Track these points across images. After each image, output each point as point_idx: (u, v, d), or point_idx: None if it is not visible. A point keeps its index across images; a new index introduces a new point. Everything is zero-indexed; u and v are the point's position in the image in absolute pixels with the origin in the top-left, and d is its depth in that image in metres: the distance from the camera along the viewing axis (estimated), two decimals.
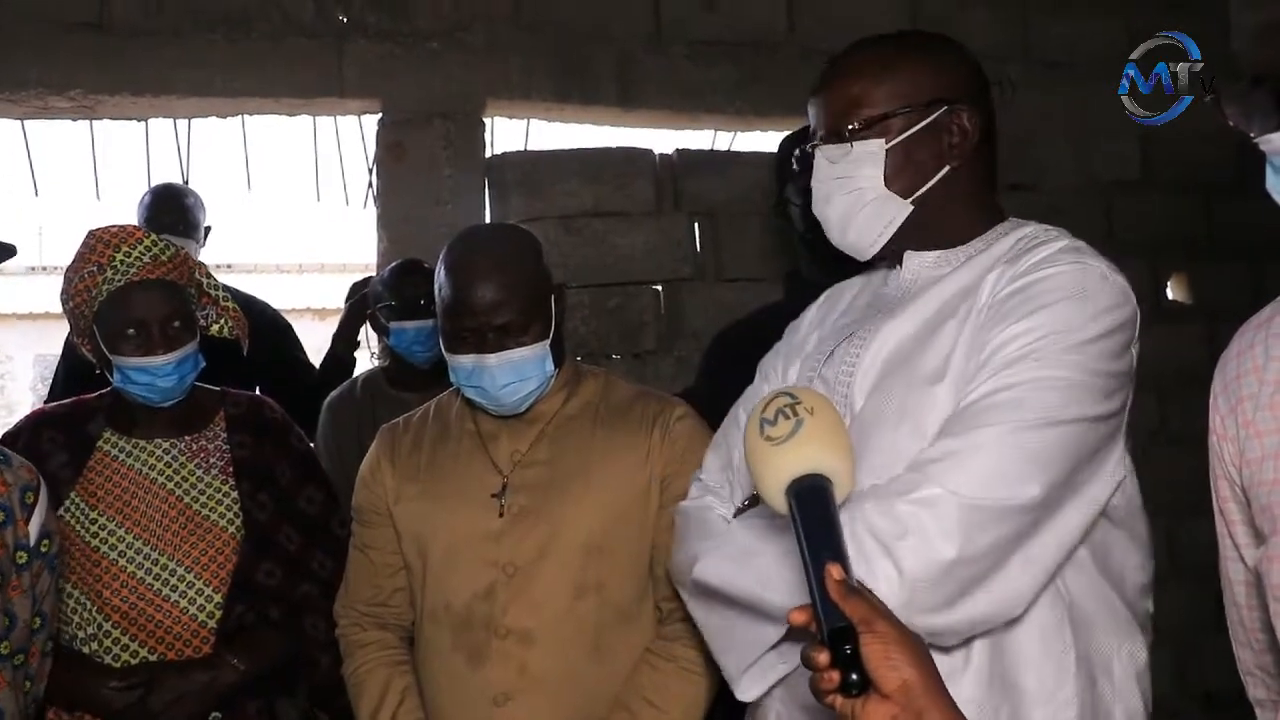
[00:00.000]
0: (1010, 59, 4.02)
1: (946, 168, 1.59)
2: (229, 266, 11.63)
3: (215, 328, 2.29)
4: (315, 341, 3.89)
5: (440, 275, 1.97)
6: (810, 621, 1.12)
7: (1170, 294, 4.46)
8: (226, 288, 3.20)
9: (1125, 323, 1.49)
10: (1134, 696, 1.54)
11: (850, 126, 1.59)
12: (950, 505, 1.37)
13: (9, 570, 1.76)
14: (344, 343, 3.54)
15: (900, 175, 1.59)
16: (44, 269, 14.79)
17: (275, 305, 3.78)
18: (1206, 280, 4.42)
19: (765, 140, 4.22)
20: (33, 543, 1.82)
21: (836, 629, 1.08)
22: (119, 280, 2.11)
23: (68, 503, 2.13)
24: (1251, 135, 1.26)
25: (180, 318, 2.15)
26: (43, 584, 1.86)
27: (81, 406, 2.27)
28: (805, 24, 4.04)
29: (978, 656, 1.47)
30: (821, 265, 2.50)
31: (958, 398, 1.47)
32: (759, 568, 1.48)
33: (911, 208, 1.60)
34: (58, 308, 2.22)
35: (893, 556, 1.36)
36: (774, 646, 1.51)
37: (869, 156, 1.59)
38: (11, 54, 3.43)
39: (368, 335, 3.60)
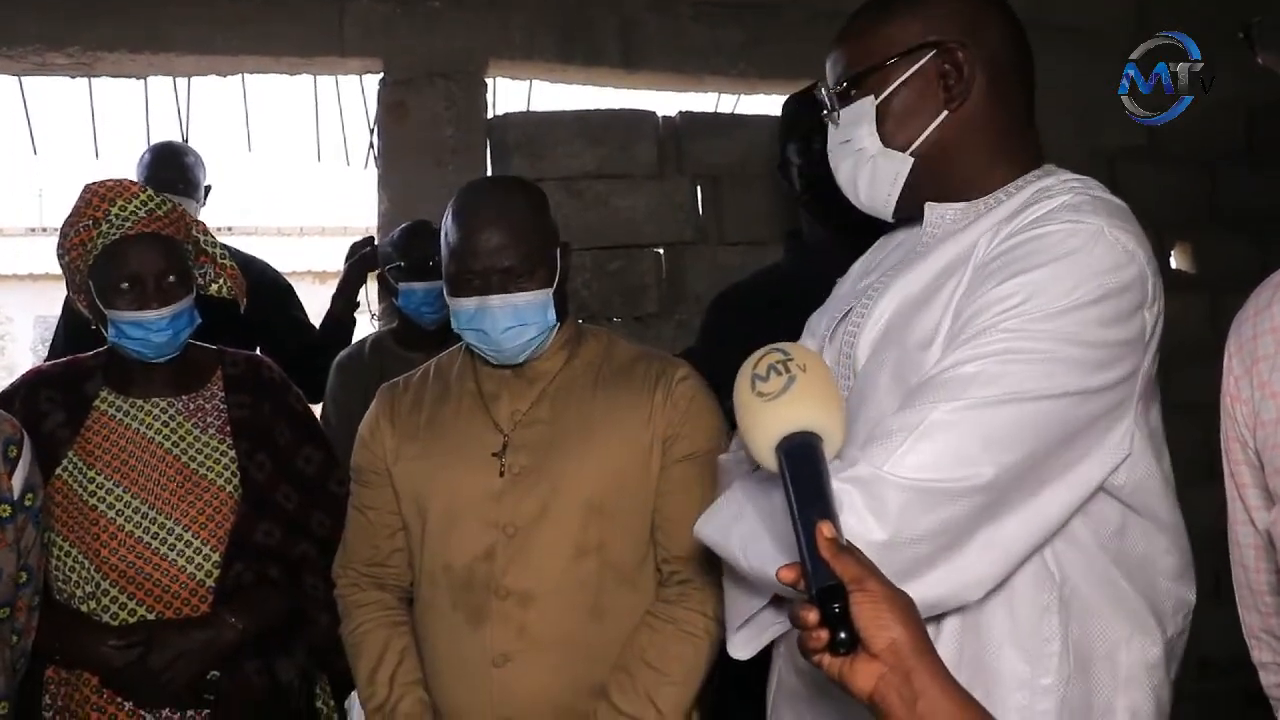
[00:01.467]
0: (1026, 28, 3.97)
1: (944, 113, 1.52)
2: (229, 229, 11.59)
3: (214, 287, 2.28)
4: (316, 304, 3.87)
5: (447, 221, 1.98)
6: (799, 579, 1.09)
7: (1175, 264, 4.44)
8: (225, 247, 3.19)
9: (1126, 285, 1.37)
10: (1141, 690, 1.44)
11: (839, 88, 1.57)
12: (885, 486, 1.30)
13: None
14: (344, 303, 3.53)
15: (897, 129, 1.54)
16: (44, 230, 14.76)
17: (268, 263, 3.77)
18: (1211, 251, 4.40)
19: (769, 103, 4.18)
20: (16, 496, 1.82)
21: (826, 587, 1.06)
22: (114, 234, 2.09)
23: (65, 462, 2.12)
24: None
25: (176, 272, 2.13)
26: (28, 538, 1.85)
27: (78, 365, 2.26)
28: None
29: (948, 634, 1.41)
30: (822, 225, 2.50)
31: None
32: (741, 531, 1.43)
33: (911, 160, 1.54)
34: (58, 269, 2.20)
35: None
36: (769, 605, 1.45)
37: (863, 115, 1.55)
38: (9, 9, 3.39)
39: (367, 296, 3.59)
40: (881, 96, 1.53)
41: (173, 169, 3.42)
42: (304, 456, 2.28)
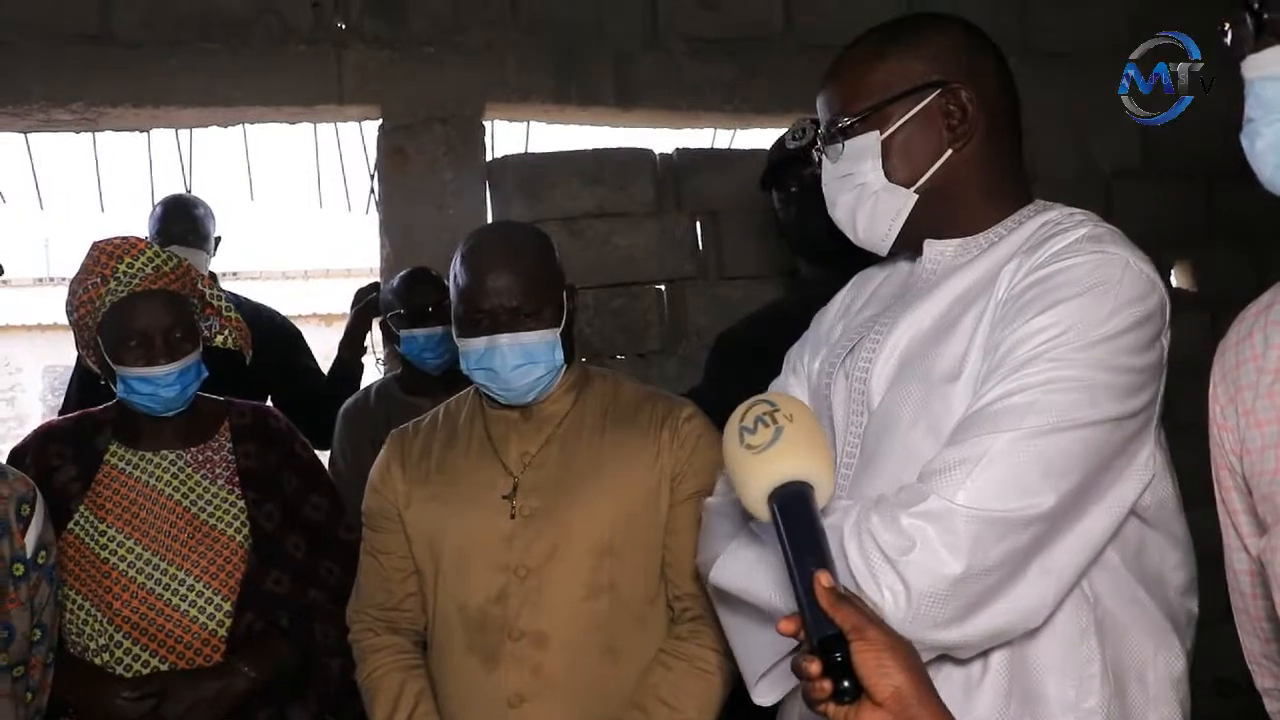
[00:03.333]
0: (1008, 50, 4.00)
1: (949, 151, 1.55)
2: (234, 274, 11.65)
3: (219, 339, 2.30)
4: (322, 347, 3.91)
5: (456, 265, 2.01)
6: (799, 630, 1.11)
7: (1174, 283, 4.45)
8: (234, 296, 3.23)
9: (1151, 314, 1.42)
10: (1170, 705, 1.48)
11: (843, 123, 1.57)
12: (957, 519, 1.32)
13: (6, 583, 1.78)
14: (350, 349, 3.56)
15: (901, 165, 1.55)
16: (51, 280, 14.85)
17: (281, 311, 3.80)
18: (1209, 269, 4.41)
19: (764, 137, 4.22)
20: (30, 555, 1.84)
21: (826, 637, 1.07)
22: (122, 291, 2.13)
23: (77, 515, 2.14)
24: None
25: (182, 327, 2.16)
26: (41, 595, 1.87)
27: (88, 420, 2.28)
28: (802, 19, 4.04)
29: (996, 667, 1.43)
30: (815, 265, 2.54)
31: (973, 397, 1.42)
32: (768, 576, 1.45)
33: (916, 197, 1.56)
34: (65, 319, 2.23)
35: (898, 571, 1.32)
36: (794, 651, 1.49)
37: (866, 150, 1.56)
38: (14, 67, 3.45)
39: (373, 340, 3.62)
40: (887, 132, 1.55)
41: (184, 221, 3.46)
42: (311, 504, 2.30)
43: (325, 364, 3.75)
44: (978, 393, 1.41)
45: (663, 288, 3.94)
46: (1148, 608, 1.48)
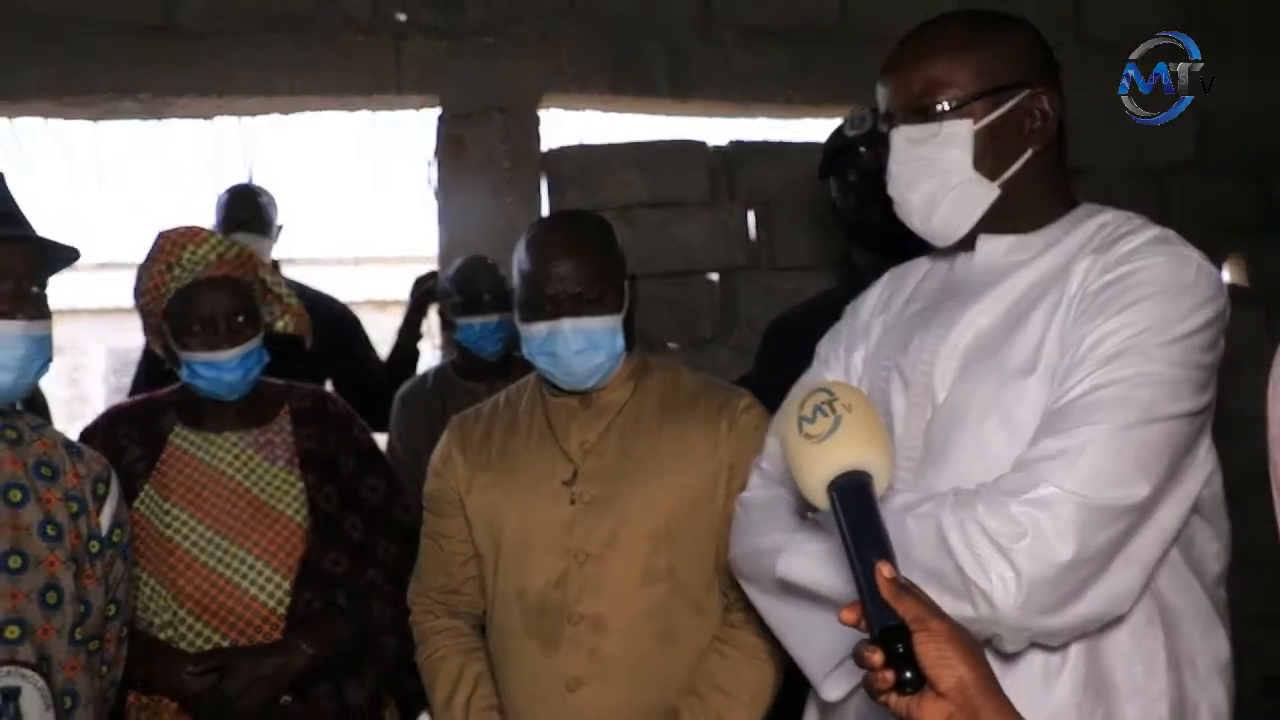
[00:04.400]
0: (1062, 40, 3.99)
1: (1029, 151, 1.58)
2: (290, 259, 11.72)
3: (280, 324, 2.36)
4: (376, 332, 3.97)
5: (520, 252, 2.05)
6: (860, 620, 1.12)
7: (1228, 277, 4.41)
8: (295, 284, 3.29)
9: (1218, 315, 1.48)
10: (1218, 690, 1.53)
11: (939, 106, 1.57)
12: (1067, 505, 1.36)
13: (83, 559, 1.83)
14: (408, 335, 3.63)
15: (986, 158, 1.57)
16: (113, 265, 15.04)
17: (336, 297, 3.87)
18: (1263, 264, 4.36)
19: (818, 128, 4.22)
20: (105, 532, 1.89)
21: (888, 627, 1.08)
22: (186, 278, 2.18)
23: (142, 494, 2.20)
24: None
25: (244, 313, 2.22)
26: (116, 572, 1.93)
27: (153, 402, 2.35)
28: (857, 9, 4.03)
29: (1074, 657, 1.46)
30: (869, 253, 2.54)
31: (1049, 391, 1.46)
32: (845, 565, 1.48)
33: (999, 191, 1.58)
34: (128, 302, 2.30)
35: (1009, 558, 1.35)
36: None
37: (955, 138, 1.56)
38: (83, 60, 3.53)
39: (430, 327, 3.68)
40: (980, 124, 1.56)
41: (248, 209, 3.53)
42: (369, 486, 2.35)
43: (380, 349, 3.80)
44: (1062, 386, 1.44)
45: (715, 277, 3.95)
46: (1198, 596, 1.52)
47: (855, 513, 1.20)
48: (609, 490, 2.00)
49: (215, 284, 2.20)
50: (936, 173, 1.59)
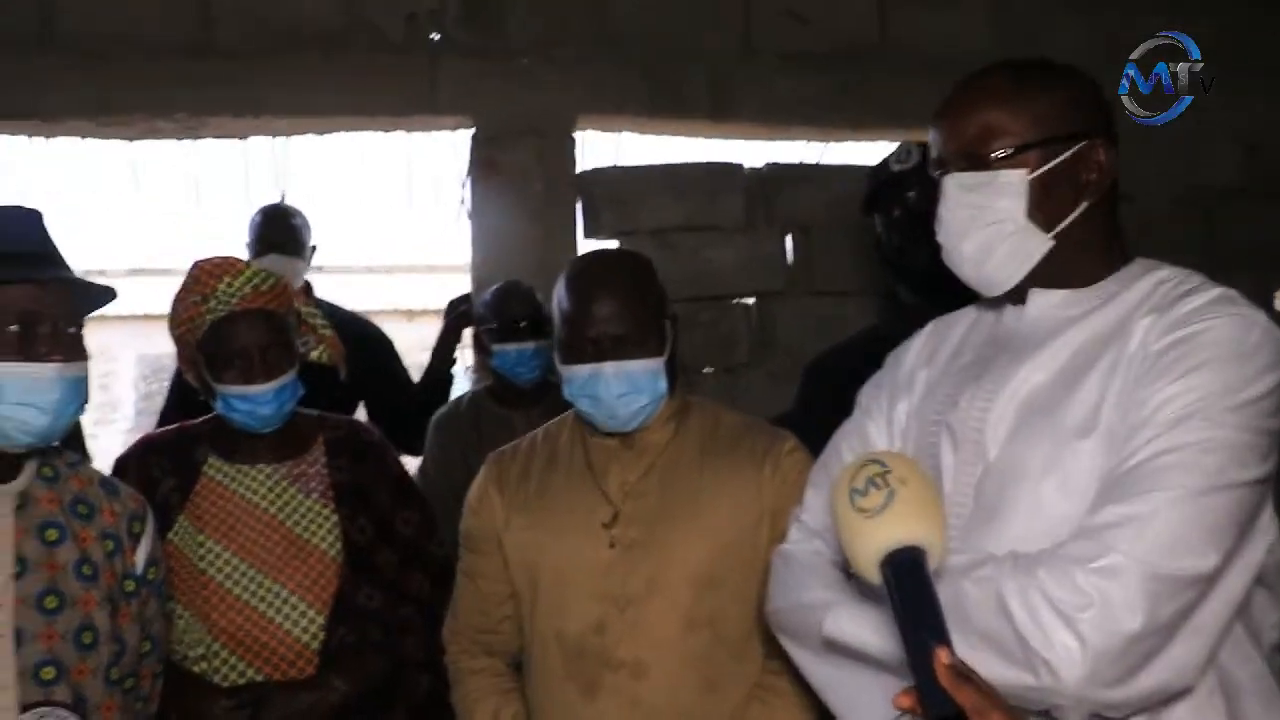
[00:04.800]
0: (1103, 65, 3.94)
1: (1085, 203, 1.55)
2: (320, 268, 11.77)
3: (315, 354, 2.35)
4: (405, 341, 3.96)
5: (561, 290, 2.01)
6: (916, 707, 1.10)
7: (1278, 305, 4.34)
8: (327, 305, 3.27)
9: None
10: None
11: (995, 154, 1.54)
12: (1135, 575, 1.31)
13: (118, 599, 1.81)
14: (442, 359, 3.61)
15: (1040, 208, 1.53)
16: (143, 271, 15.15)
17: (365, 306, 3.85)
18: None
19: (857, 151, 4.20)
20: (140, 571, 1.87)
21: (946, 718, 1.06)
22: (221, 310, 2.17)
23: (176, 526, 2.19)
24: None
25: (279, 346, 2.20)
26: (150, 609, 1.91)
27: (186, 432, 2.33)
28: (896, 34, 4.01)
29: None
30: (915, 294, 2.50)
31: (1107, 453, 1.42)
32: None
33: (1053, 243, 1.54)
34: (158, 309, 2.30)
35: (1074, 628, 1.31)
36: None
37: (1010, 187, 1.53)
38: (119, 80, 3.54)
39: (463, 352, 3.66)
40: (1035, 173, 1.53)
41: (281, 230, 3.51)
42: (403, 519, 2.33)
43: (409, 357, 3.78)
44: (1125, 448, 1.40)
45: (751, 302, 3.93)
46: (1258, 667, 1.47)
47: (910, 591, 1.18)
48: (649, 534, 1.97)
49: (250, 316, 2.18)
50: (989, 221, 1.56)
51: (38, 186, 4.23)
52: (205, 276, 2.19)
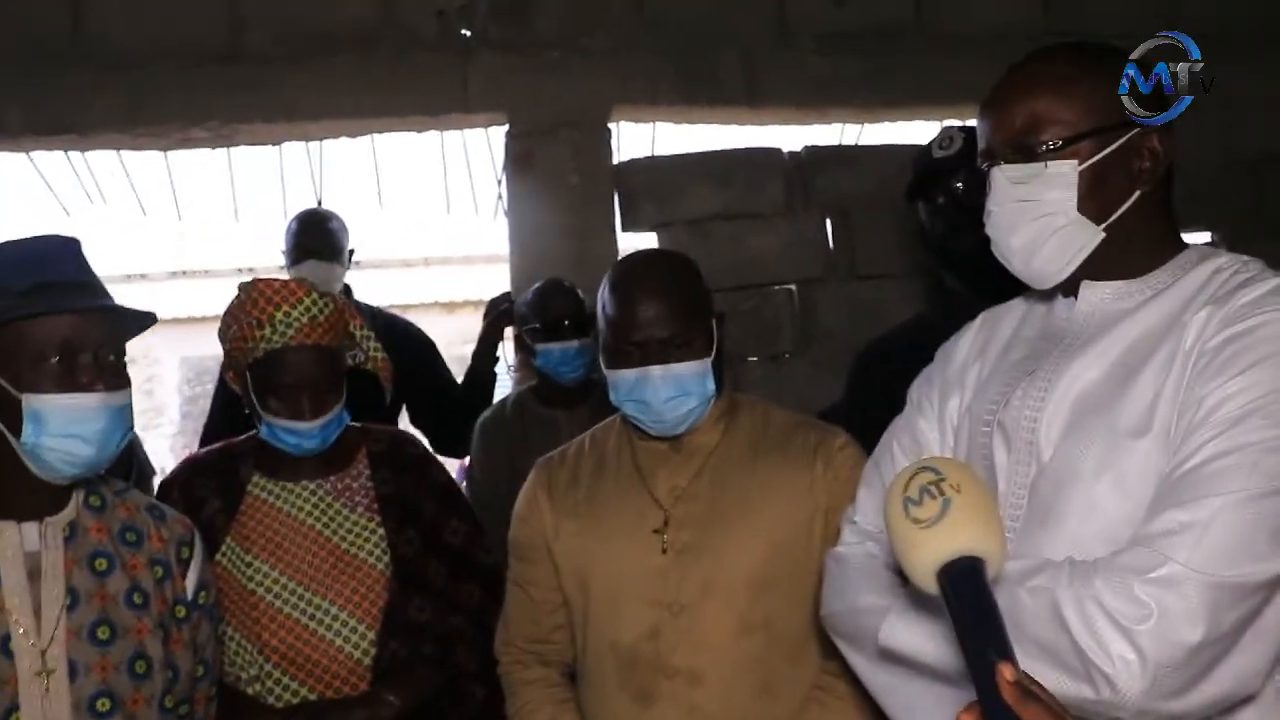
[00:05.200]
0: (1155, 29, 3.84)
1: (1137, 193, 1.49)
2: (357, 262, 11.79)
3: (368, 365, 2.33)
4: (443, 334, 3.95)
5: (604, 294, 1.99)
6: None
7: None
8: (370, 308, 3.26)
9: None
10: None
11: (1044, 145, 1.49)
12: (1194, 585, 1.26)
13: (170, 625, 1.81)
14: (484, 359, 3.59)
15: (1091, 200, 1.48)
16: (184, 273, 15.26)
17: (404, 300, 3.84)
18: None
19: (895, 131, 4.14)
20: (190, 596, 1.86)
21: None
22: (276, 341, 2.15)
23: (224, 548, 2.18)
24: None
25: (330, 381, 2.20)
26: (203, 634, 1.90)
27: (230, 451, 2.32)
28: (931, 10, 3.95)
29: None
30: (962, 282, 2.45)
31: (1164, 452, 1.37)
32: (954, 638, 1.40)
33: (1104, 234, 1.49)
34: (200, 311, 2.30)
35: (1132, 640, 1.27)
36: None
37: (1061, 178, 1.48)
38: (151, 90, 3.56)
39: (504, 350, 3.64)
40: (1086, 164, 1.48)
41: (318, 236, 3.49)
42: (450, 529, 2.31)
43: (448, 349, 3.77)
44: (1181, 449, 1.35)
45: (794, 288, 3.88)
46: None
47: (970, 603, 1.15)
48: (701, 538, 1.94)
49: (304, 353, 2.16)
50: (1039, 214, 1.51)
51: (73, 194, 4.24)
52: (264, 301, 2.17)
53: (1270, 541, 1.29)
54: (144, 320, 1.77)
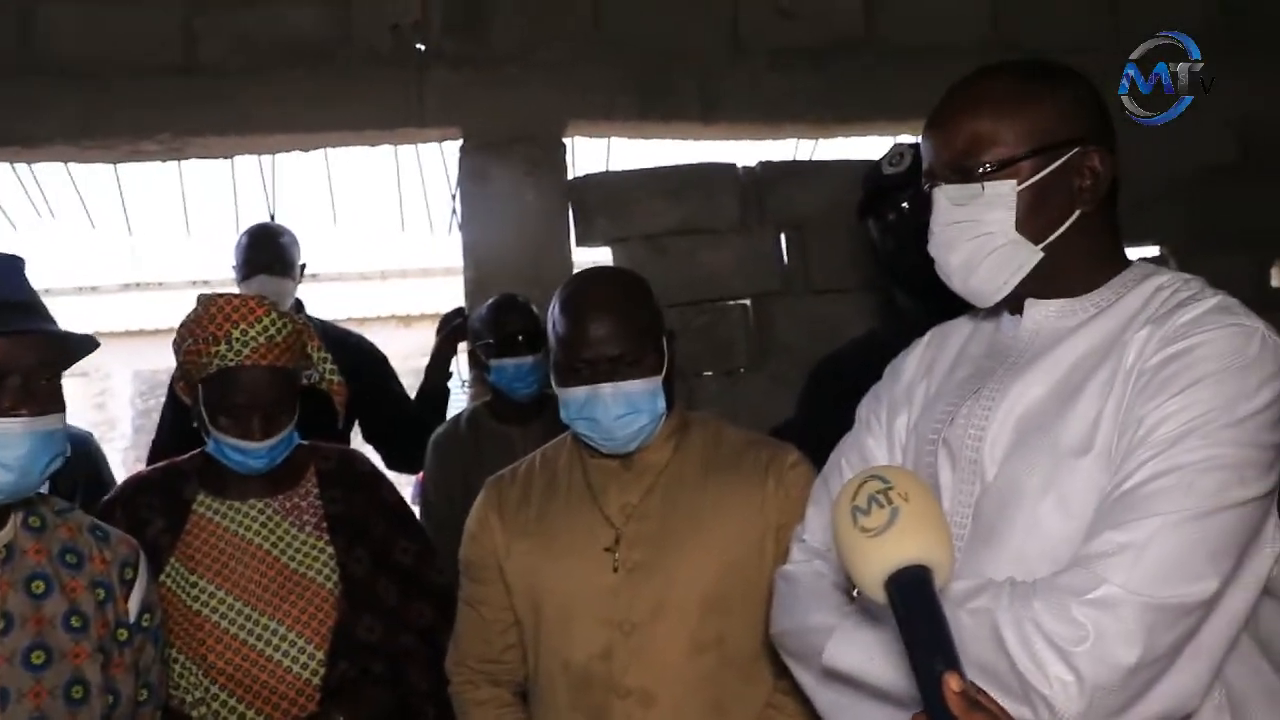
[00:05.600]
0: (1100, 48, 3.90)
1: (1078, 212, 1.50)
2: (313, 276, 11.71)
3: (322, 385, 2.32)
4: (399, 347, 3.92)
5: (555, 312, 1.98)
6: None
7: (1275, 283, 4.30)
8: (321, 322, 3.23)
9: None
10: None
11: (982, 167, 1.49)
12: (1131, 606, 1.27)
13: (111, 648, 1.77)
14: (437, 375, 3.57)
15: (1031, 220, 1.49)
16: (138, 285, 15.10)
17: (360, 314, 3.81)
18: None
19: (848, 147, 4.16)
20: (133, 619, 1.83)
21: None
22: (231, 359, 2.12)
23: (168, 568, 2.14)
24: None
25: (282, 403, 2.17)
26: (146, 657, 1.87)
27: (175, 470, 2.29)
28: (885, 26, 3.96)
29: None
30: (912, 298, 2.46)
31: (1106, 472, 1.38)
32: (897, 655, 1.40)
33: (1042, 254, 1.50)
34: (153, 324, 2.27)
35: (1069, 662, 1.27)
36: None
37: (999, 199, 1.49)
38: (102, 101, 3.51)
39: (458, 366, 3.62)
40: (1024, 184, 1.49)
41: (269, 251, 3.45)
42: (400, 548, 2.28)
43: (405, 363, 3.74)
44: (1121, 469, 1.36)
45: (749, 304, 3.88)
46: (1268, 678, 1.44)
47: (916, 612, 1.15)
48: (653, 556, 1.93)
49: (258, 374, 2.14)
50: (976, 234, 1.52)
51: (21, 207, 4.19)
52: (221, 318, 2.14)
53: (1207, 561, 1.30)
54: (85, 345, 1.74)
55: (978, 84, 1.55)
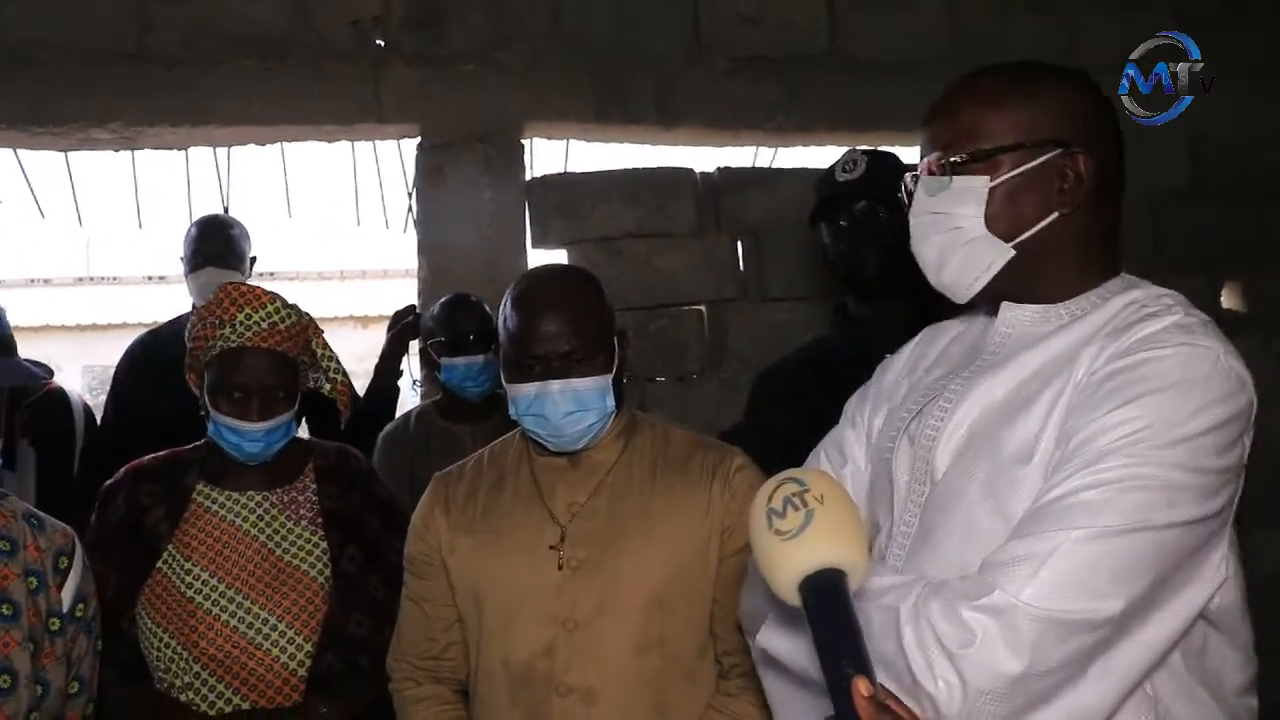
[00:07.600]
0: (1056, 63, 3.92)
1: (1054, 214, 1.47)
2: (271, 274, 11.65)
3: (326, 389, 2.37)
4: (357, 348, 3.88)
5: (506, 308, 1.97)
6: None
7: (1225, 304, 4.36)
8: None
9: (1236, 414, 1.34)
10: None
11: (955, 159, 1.48)
12: (1022, 616, 1.25)
13: (41, 638, 1.75)
14: (387, 373, 3.54)
15: (1003, 216, 1.47)
16: (91, 280, 14.94)
17: (317, 313, 3.75)
18: (1263, 289, 4.32)
19: (807, 156, 4.17)
20: (66, 609, 1.81)
21: None
22: (234, 341, 2.19)
23: (165, 554, 2.19)
24: None
25: (282, 388, 2.23)
26: (79, 648, 1.85)
27: (177, 459, 2.34)
28: (847, 37, 3.97)
29: None
30: (864, 303, 2.48)
31: (1043, 482, 1.36)
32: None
33: (1013, 252, 1.48)
34: (105, 318, 2.28)
35: (955, 665, 1.25)
36: None
37: (970, 193, 1.47)
38: (52, 88, 3.45)
39: (409, 365, 3.59)
40: (997, 180, 1.47)
41: (218, 242, 3.42)
42: (392, 548, 2.29)
43: (363, 363, 3.70)
44: (1050, 481, 1.34)
45: (703, 309, 3.89)
46: (1209, 707, 1.42)
47: (828, 616, 1.15)
48: (598, 554, 1.92)
49: (259, 355, 2.20)
50: (948, 227, 1.50)
51: None
52: (228, 303, 2.23)
53: (1113, 580, 1.27)
54: (12, 372, 1.73)
55: (974, 79, 1.54)
